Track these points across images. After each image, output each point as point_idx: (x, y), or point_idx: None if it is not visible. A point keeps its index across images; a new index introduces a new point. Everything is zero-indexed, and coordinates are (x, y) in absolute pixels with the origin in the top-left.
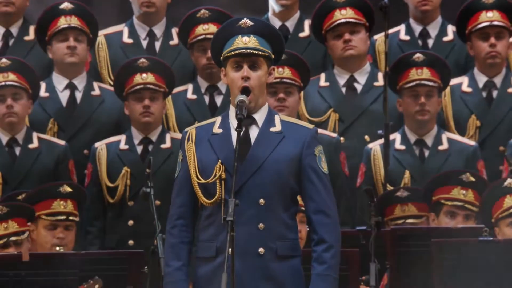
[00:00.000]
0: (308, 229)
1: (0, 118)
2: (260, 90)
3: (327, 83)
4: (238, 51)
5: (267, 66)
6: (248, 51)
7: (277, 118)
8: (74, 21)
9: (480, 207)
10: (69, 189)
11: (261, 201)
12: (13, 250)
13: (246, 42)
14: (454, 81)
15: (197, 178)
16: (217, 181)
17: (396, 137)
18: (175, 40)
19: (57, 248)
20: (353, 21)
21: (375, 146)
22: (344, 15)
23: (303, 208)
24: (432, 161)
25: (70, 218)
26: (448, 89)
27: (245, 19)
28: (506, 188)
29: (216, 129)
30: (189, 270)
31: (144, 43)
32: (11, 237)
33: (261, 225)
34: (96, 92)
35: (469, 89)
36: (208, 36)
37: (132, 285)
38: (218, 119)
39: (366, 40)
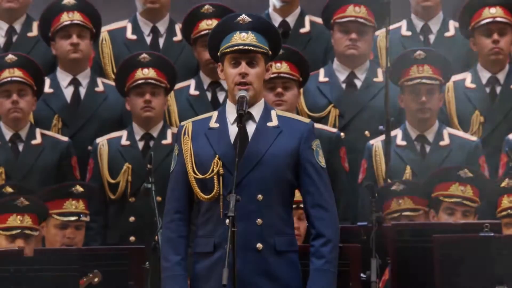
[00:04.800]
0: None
1: (5, 113)
2: (258, 85)
3: (327, 79)
4: (236, 47)
5: (265, 62)
6: (246, 47)
7: (273, 113)
8: (76, 17)
9: (480, 203)
10: (81, 189)
11: (259, 196)
12: (21, 242)
13: (244, 38)
14: (457, 77)
15: (194, 173)
16: (215, 176)
17: (397, 133)
18: (178, 37)
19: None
20: (363, 21)
21: (377, 142)
22: (358, 13)
23: (302, 206)
24: (433, 156)
25: (81, 218)
26: (451, 85)
27: (243, 15)
28: (503, 188)
29: (213, 124)
30: (187, 264)
31: (148, 39)
32: (25, 230)
33: (259, 221)
34: (100, 88)
35: (473, 85)
36: None
37: (133, 281)
38: (214, 114)
39: (371, 42)
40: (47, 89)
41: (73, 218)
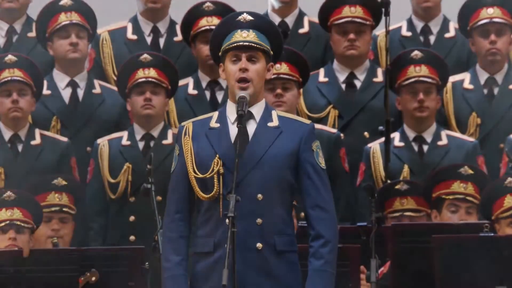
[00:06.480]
0: (302, 224)
1: (5, 113)
2: (258, 83)
3: (326, 79)
4: (237, 43)
5: (266, 61)
6: (247, 43)
7: (274, 114)
8: (74, 17)
9: (480, 202)
10: (64, 182)
11: (259, 196)
12: (12, 233)
13: (245, 36)
14: (456, 78)
15: (194, 172)
16: (215, 175)
17: (395, 135)
18: (179, 37)
19: (52, 240)
20: (360, 21)
21: (375, 145)
22: (353, 13)
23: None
24: (431, 155)
25: (64, 209)
26: (450, 86)
27: (244, 14)
28: (506, 187)
29: (214, 124)
30: (188, 265)
31: (149, 40)
32: (15, 221)
33: (259, 220)
34: (97, 90)
35: (471, 86)
36: (212, 27)
37: (133, 281)
38: (215, 114)
39: (370, 41)
40: (44, 90)
41: (54, 209)
